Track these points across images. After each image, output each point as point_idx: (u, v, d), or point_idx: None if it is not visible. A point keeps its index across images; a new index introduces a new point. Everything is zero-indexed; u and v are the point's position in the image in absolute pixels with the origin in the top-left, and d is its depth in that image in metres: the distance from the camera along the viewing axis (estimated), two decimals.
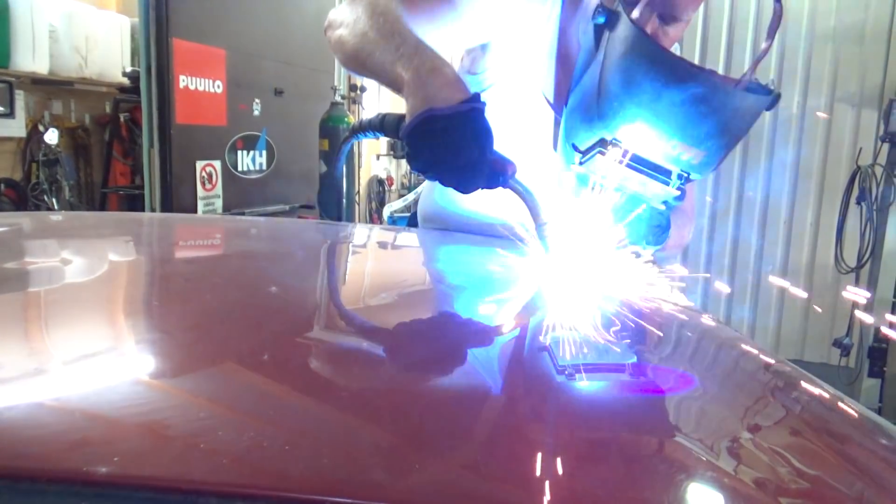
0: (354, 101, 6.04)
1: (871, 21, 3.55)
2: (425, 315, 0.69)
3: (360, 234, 1.26)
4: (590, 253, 0.87)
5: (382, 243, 1.16)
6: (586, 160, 0.87)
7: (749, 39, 3.78)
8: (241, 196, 4.29)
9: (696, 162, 0.84)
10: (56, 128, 4.54)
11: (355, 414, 0.40)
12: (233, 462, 0.32)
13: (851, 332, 3.56)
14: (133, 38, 4.78)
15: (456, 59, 1.30)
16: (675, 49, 1.23)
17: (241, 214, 4.01)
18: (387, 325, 0.60)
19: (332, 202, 4.19)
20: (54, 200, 4.55)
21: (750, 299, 3.98)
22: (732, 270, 3.99)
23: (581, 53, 0.86)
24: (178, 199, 3.78)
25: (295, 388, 0.43)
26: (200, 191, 3.97)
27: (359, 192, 6.63)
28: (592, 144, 0.86)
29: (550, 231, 0.87)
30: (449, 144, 0.81)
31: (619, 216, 1.01)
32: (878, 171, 3.34)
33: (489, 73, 1.18)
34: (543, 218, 0.87)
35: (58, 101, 4.72)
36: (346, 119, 4.48)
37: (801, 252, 3.88)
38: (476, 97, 0.84)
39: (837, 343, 3.59)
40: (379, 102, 6.32)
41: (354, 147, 5.59)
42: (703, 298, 4.02)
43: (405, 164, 7.94)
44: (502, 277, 0.90)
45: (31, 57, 4.21)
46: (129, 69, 4.72)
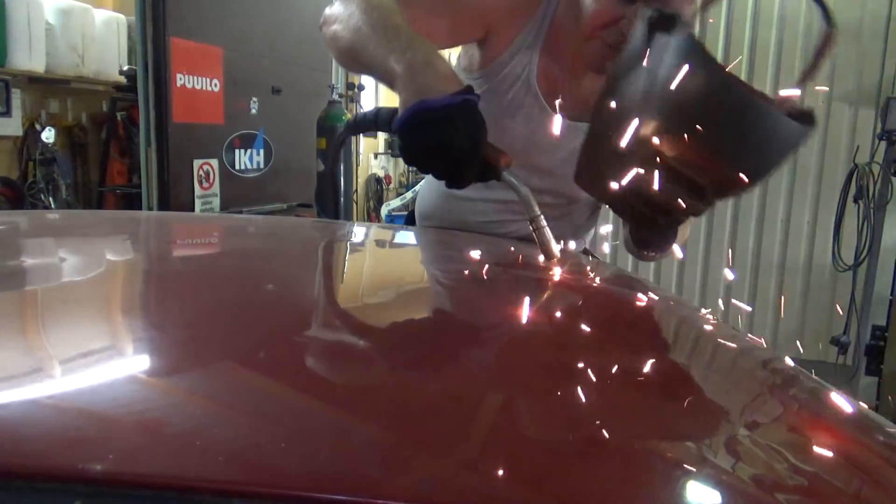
0: (352, 100, 6.04)
1: (867, 19, 3.55)
2: (422, 312, 0.69)
3: (358, 232, 1.26)
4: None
5: (380, 241, 1.16)
6: (620, 166, 0.84)
7: (747, 38, 3.79)
8: (238, 195, 4.29)
9: (732, 183, 0.82)
10: (53, 126, 4.53)
11: (352, 411, 0.40)
12: (229, 459, 0.32)
13: (849, 330, 3.57)
14: (130, 37, 4.77)
15: (453, 57, 1.30)
16: None
17: (239, 213, 4.01)
18: (384, 323, 0.60)
19: (330, 201, 4.19)
20: (51, 199, 4.54)
21: (747, 297, 3.99)
22: (730, 268, 4.00)
23: (623, 55, 0.83)
24: (175, 198, 3.78)
25: (291, 386, 0.43)
26: (198, 189, 3.96)
27: (356, 190, 6.63)
28: (631, 150, 0.82)
29: (542, 224, 0.87)
30: (441, 137, 0.81)
31: (637, 224, 1.00)
32: (876, 168, 3.35)
33: (487, 72, 1.18)
34: (536, 210, 0.87)
35: (54, 99, 4.71)
36: (343, 117, 4.48)
37: (798, 250, 3.89)
38: (469, 89, 0.84)
39: (835, 341, 3.60)
40: (377, 101, 6.32)
41: (352, 145, 5.60)
42: (700, 297, 4.03)
43: (403, 163, 7.94)
44: (501, 275, 0.90)
45: (27, 55, 4.20)
46: (126, 67, 4.71)
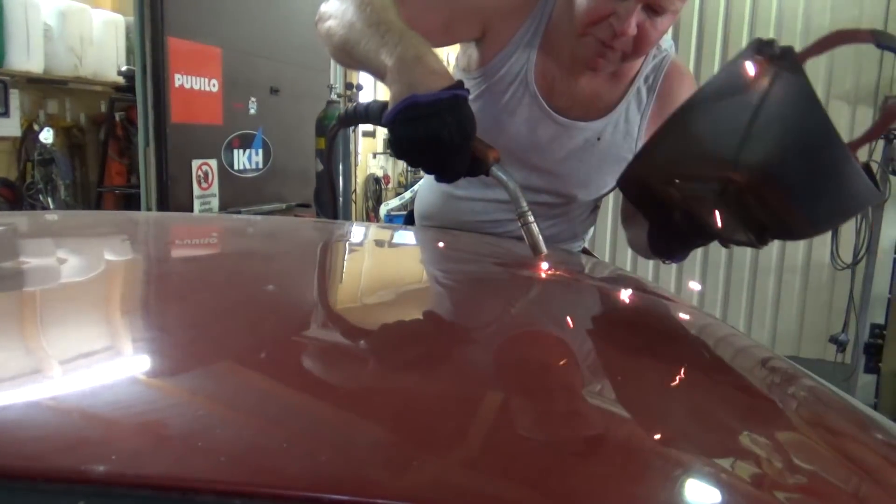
0: (350, 100, 6.04)
1: (865, 18, 3.56)
2: (423, 313, 0.70)
3: (357, 232, 1.26)
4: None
5: (379, 241, 1.16)
6: (689, 191, 0.81)
7: (745, 37, 3.79)
8: (237, 195, 4.29)
9: (797, 231, 0.80)
10: (51, 127, 4.53)
11: (353, 412, 0.40)
12: (231, 460, 0.32)
13: (847, 328, 3.57)
14: (128, 37, 4.77)
15: (451, 57, 1.31)
16: (670, 47, 1.23)
17: (238, 213, 4.01)
18: (385, 324, 0.61)
19: (329, 200, 4.18)
20: (50, 200, 4.54)
21: (746, 296, 3.99)
22: (728, 267, 4.00)
23: (716, 79, 0.79)
24: (174, 198, 3.78)
25: (293, 387, 0.43)
26: (196, 190, 3.96)
27: (355, 190, 6.63)
28: (707, 179, 0.78)
29: (530, 219, 0.87)
30: (431, 131, 0.81)
31: (670, 237, 0.97)
32: (874, 167, 3.35)
33: (484, 71, 1.18)
34: (524, 206, 0.87)
35: (53, 100, 4.71)
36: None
37: (796, 249, 3.89)
38: (459, 84, 0.84)
39: (833, 339, 3.60)
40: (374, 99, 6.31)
41: (350, 146, 5.59)
42: (699, 296, 4.03)
43: (401, 163, 7.94)
44: (498, 275, 0.90)
45: (25, 56, 4.19)
46: (124, 68, 4.72)
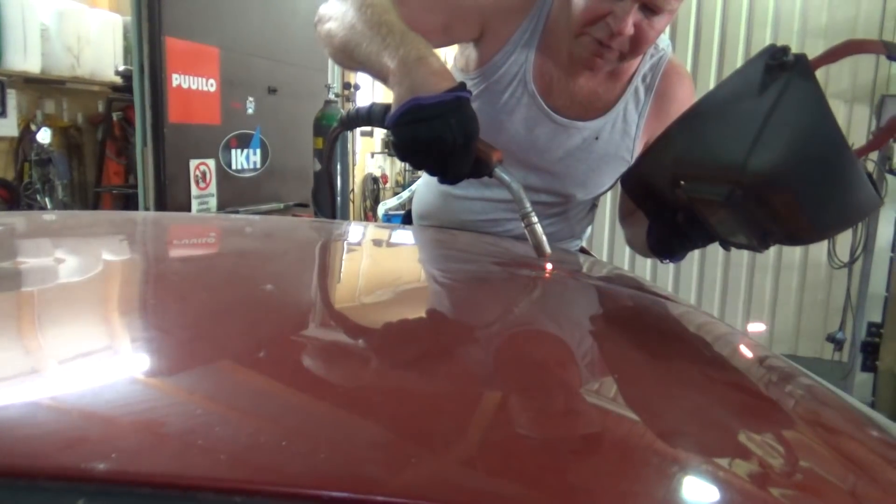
0: (348, 100, 6.03)
1: (862, 17, 3.56)
2: (421, 311, 0.70)
3: (355, 231, 1.26)
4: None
5: (377, 241, 1.16)
6: (695, 193, 0.82)
7: (742, 36, 3.79)
8: (235, 194, 4.28)
9: (801, 236, 0.80)
10: (48, 127, 4.52)
11: (352, 409, 0.40)
12: (231, 458, 0.32)
13: (844, 327, 3.58)
14: (125, 37, 4.76)
15: (450, 57, 1.31)
16: (667, 46, 1.24)
17: (236, 213, 4.00)
18: (383, 322, 0.61)
19: (327, 200, 4.18)
20: (47, 200, 4.54)
21: (744, 295, 4.00)
22: (726, 266, 4.01)
23: (729, 84, 0.79)
24: (171, 198, 3.77)
25: (292, 385, 0.43)
26: (194, 189, 3.96)
27: (353, 189, 6.63)
28: (714, 182, 0.78)
29: (534, 220, 0.87)
30: (434, 133, 0.81)
31: (670, 238, 0.98)
32: (871, 166, 3.36)
33: (483, 71, 1.18)
34: (527, 207, 0.87)
35: (50, 100, 4.71)
36: (339, 117, 4.47)
37: (794, 248, 3.90)
38: (462, 86, 0.84)
39: (831, 338, 3.61)
40: (373, 99, 6.31)
41: (349, 145, 5.59)
42: (696, 294, 4.04)
43: (399, 162, 7.94)
44: (497, 273, 0.90)
45: (22, 56, 4.19)
46: (121, 68, 4.71)
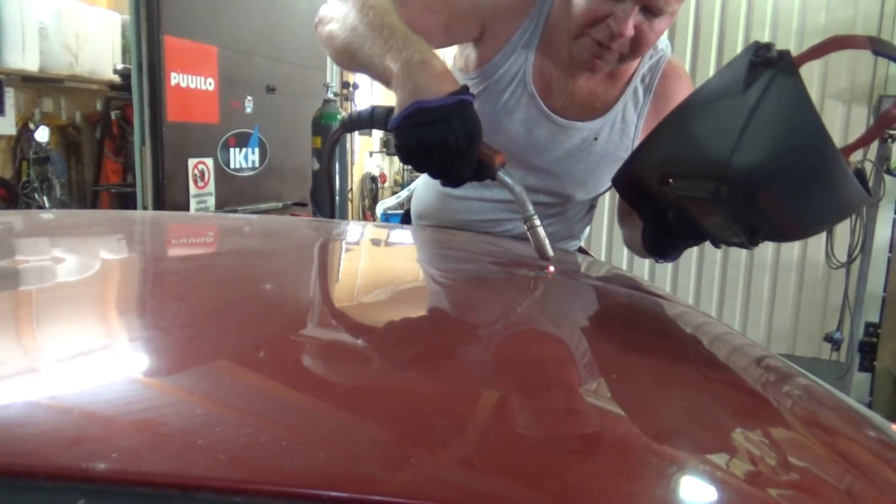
0: (347, 99, 6.03)
1: (860, 17, 3.57)
2: (420, 311, 0.70)
3: (354, 231, 1.26)
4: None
5: (376, 240, 1.16)
6: (682, 191, 0.82)
7: (741, 36, 3.80)
8: (233, 194, 4.28)
9: (788, 232, 0.80)
10: (46, 126, 4.52)
11: (351, 409, 0.40)
12: (230, 458, 0.33)
13: (842, 327, 3.59)
14: (124, 36, 4.76)
15: (448, 57, 1.31)
16: (666, 46, 1.24)
17: (234, 212, 4.00)
18: (382, 322, 0.61)
19: (325, 199, 4.18)
20: (45, 199, 4.53)
21: (742, 294, 4.01)
22: (724, 266, 4.01)
23: (715, 80, 0.80)
24: (170, 197, 3.77)
25: (291, 385, 0.43)
26: (193, 188, 3.95)
27: (352, 189, 6.63)
28: (700, 179, 0.79)
29: (537, 223, 0.87)
30: (437, 136, 0.81)
31: (662, 238, 0.98)
32: (868, 166, 3.36)
33: (482, 72, 1.18)
34: (530, 210, 0.87)
35: (48, 98, 4.70)
36: (338, 116, 4.47)
37: (791, 247, 3.90)
38: (465, 89, 0.84)
39: (828, 338, 3.62)
40: (371, 99, 6.32)
41: (347, 144, 5.59)
42: (695, 294, 4.04)
43: (398, 162, 7.94)
44: (495, 273, 0.90)
45: (20, 54, 4.19)
46: (120, 66, 4.71)
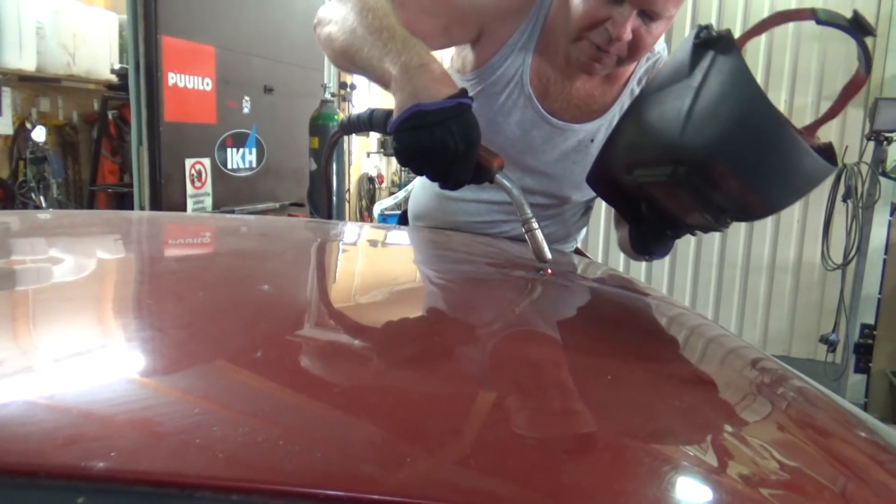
0: (344, 99, 6.03)
1: None
2: (416, 312, 0.70)
3: (351, 231, 1.26)
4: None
5: (373, 241, 1.16)
6: (646, 177, 0.84)
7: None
8: (230, 194, 4.27)
9: (751, 209, 0.82)
10: (43, 125, 4.51)
11: (348, 409, 0.41)
12: (228, 457, 0.33)
13: (838, 328, 3.60)
14: (121, 35, 4.75)
15: (446, 58, 1.31)
16: (663, 49, 1.24)
17: (231, 212, 4.00)
18: (379, 322, 0.61)
19: (323, 200, 4.17)
20: (42, 198, 4.52)
21: (738, 296, 4.01)
22: (720, 267, 4.02)
23: (668, 65, 0.82)
24: (167, 197, 3.76)
25: (288, 385, 0.43)
26: (190, 189, 3.95)
27: (349, 189, 6.62)
28: (658, 164, 0.81)
29: (535, 226, 0.88)
30: (436, 139, 0.82)
31: (642, 231, 1.00)
32: (864, 168, 3.37)
33: (480, 73, 1.18)
34: (528, 213, 0.88)
35: (45, 98, 4.69)
36: (336, 117, 4.47)
37: (787, 249, 3.91)
38: (464, 92, 0.85)
39: (824, 339, 3.63)
40: (369, 100, 6.32)
41: (344, 145, 5.59)
42: (691, 295, 4.05)
43: (395, 162, 7.93)
44: (491, 274, 0.91)
45: (18, 54, 4.18)
46: (117, 66, 4.70)
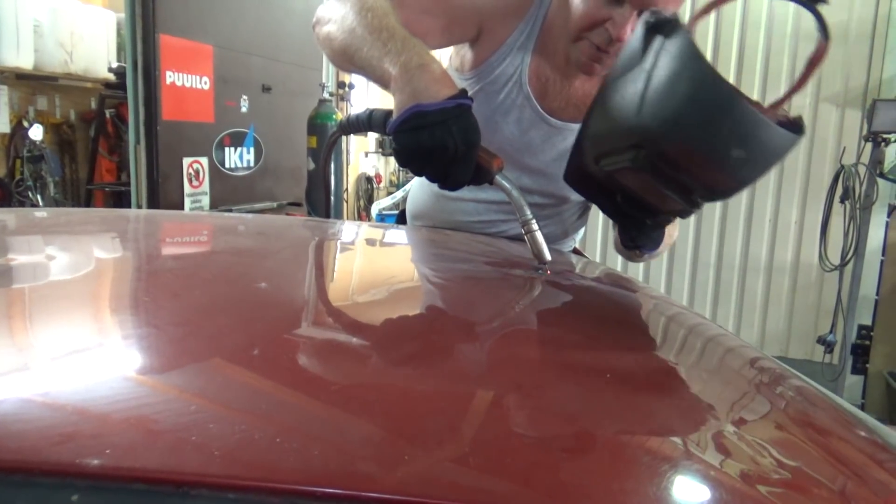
0: (343, 98, 6.03)
1: (854, 22, 3.59)
2: (414, 310, 0.70)
3: (349, 231, 1.26)
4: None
5: (371, 240, 1.16)
6: (611, 165, 0.85)
7: (735, 39, 3.81)
8: (228, 193, 4.27)
9: (718, 187, 0.82)
10: (41, 124, 4.50)
11: (345, 407, 0.40)
12: (224, 455, 0.33)
13: (835, 329, 3.60)
14: (119, 34, 4.74)
15: (445, 57, 1.31)
16: None
17: (229, 212, 3.99)
18: (376, 321, 0.61)
19: (321, 199, 4.17)
20: (39, 197, 4.52)
21: (735, 296, 4.02)
22: (718, 268, 4.02)
23: (622, 54, 0.83)
24: (164, 196, 3.76)
25: (285, 383, 0.43)
26: (187, 188, 3.95)
27: (347, 189, 6.62)
28: (621, 150, 0.83)
29: (534, 227, 0.87)
30: (435, 140, 0.81)
31: (624, 224, 1.00)
32: (862, 170, 3.38)
33: (478, 72, 1.18)
34: (528, 214, 0.87)
35: (42, 96, 4.68)
36: (334, 116, 4.47)
37: (785, 250, 3.92)
38: (463, 93, 0.85)
39: (821, 340, 3.63)
40: (367, 99, 6.31)
41: (342, 144, 5.58)
42: (689, 296, 4.05)
43: (393, 162, 7.93)
44: (489, 273, 0.91)
45: (15, 52, 4.17)
46: (114, 65, 4.69)
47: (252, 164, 4.51)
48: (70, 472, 0.30)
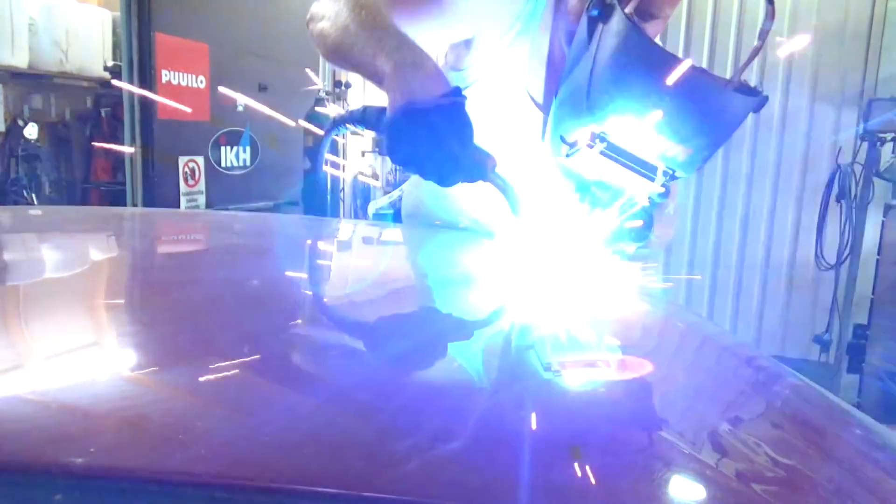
0: (339, 98, 6.02)
1: (851, 21, 3.59)
2: (409, 310, 0.70)
3: (345, 229, 1.26)
4: (572, 247, 0.87)
5: (367, 239, 1.16)
6: (573, 152, 0.86)
7: (732, 40, 3.81)
8: (224, 192, 4.26)
9: (682, 159, 0.83)
10: (36, 122, 4.49)
11: (336, 406, 0.40)
12: (211, 453, 0.32)
13: (831, 328, 3.61)
14: (115, 32, 4.73)
15: (440, 54, 1.30)
16: None
17: (225, 210, 3.98)
18: (370, 320, 0.60)
19: (317, 198, 4.17)
20: (34, 196, 4.50)
21: (732, 296, 4.02)
22: (715, 267, 4.03)
23: (573, 46, 0.85)
24: (160, 195, 3.75)
25: (275, 381, 0.43)
26: (183, 187, 3.93)
27: (343, 189, 6.62)
28: (579, 136, 0.85)
29: (529, 225, 0.87)
30: (429, 138, 0.81)
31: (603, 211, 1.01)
32: (858, 169, 3.39)
33: (473, 70, 1.18)
34: (522, 212, 0.87)
35: (37, 95, 4.66)
36: (330, 115, 4.46)
37: (782, 249, 3.93)
38: (457, 91, 0.85)
39: (818, 339, 3.64)
40: (364, 99, 6.31)
41: (338, 144, 5.57)
42: (686, 296, 4.06)
43: (390, 162, 7.93)
44: (486, 273, 0.90)
45: (9, 50, 4.15)
46: (110, 63, 4.68)
47: (248, 163, 4.50)
48: (54, 472, 0.30)
